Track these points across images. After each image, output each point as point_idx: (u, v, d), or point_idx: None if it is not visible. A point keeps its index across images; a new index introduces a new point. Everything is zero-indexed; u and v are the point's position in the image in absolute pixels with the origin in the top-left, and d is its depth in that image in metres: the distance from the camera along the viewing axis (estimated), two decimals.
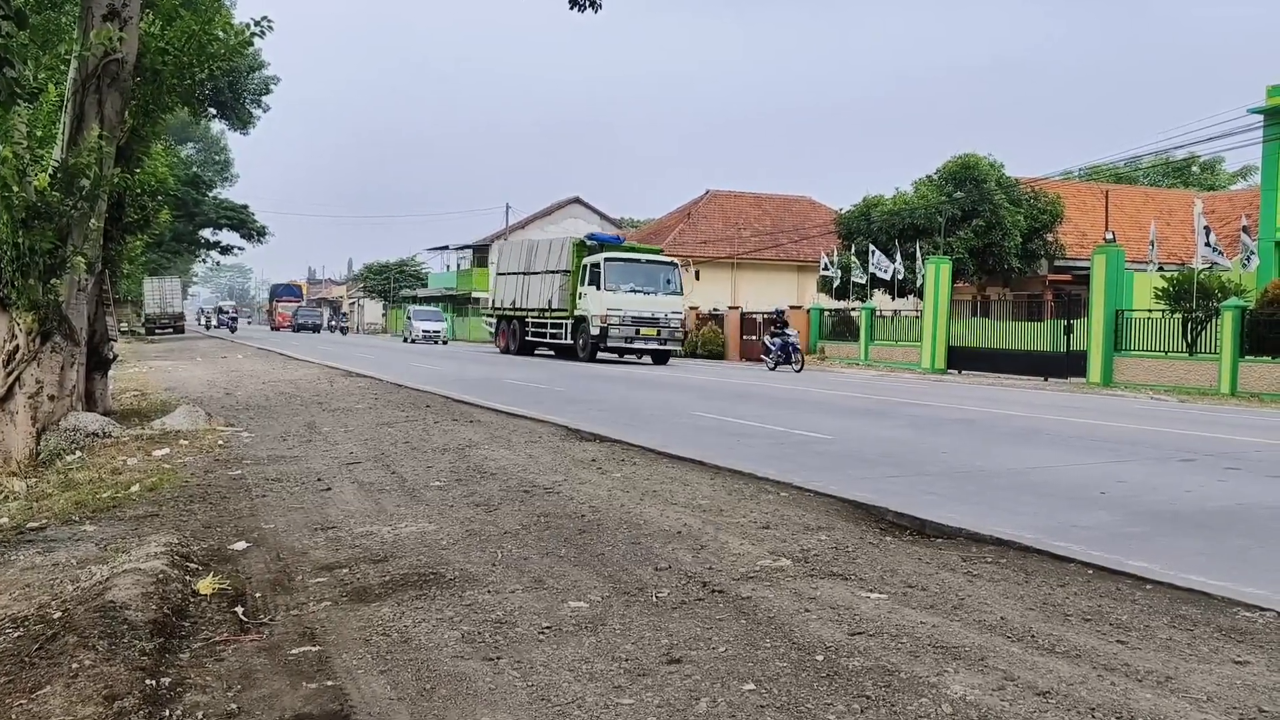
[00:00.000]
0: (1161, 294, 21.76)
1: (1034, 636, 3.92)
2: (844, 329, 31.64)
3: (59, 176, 8.53)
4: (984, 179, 31.23)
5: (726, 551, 5.23)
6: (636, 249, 30.43)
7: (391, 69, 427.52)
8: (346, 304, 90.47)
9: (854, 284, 32.42)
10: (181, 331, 53.61)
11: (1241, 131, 26.41)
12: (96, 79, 8.98)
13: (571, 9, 12.50)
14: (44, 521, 6.00)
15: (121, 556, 4.83)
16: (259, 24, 10.72)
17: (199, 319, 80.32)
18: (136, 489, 6.82)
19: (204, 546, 5.31)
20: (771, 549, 5.30)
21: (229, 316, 69.28)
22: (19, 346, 8.65)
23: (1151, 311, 21.94)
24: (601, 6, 12.56)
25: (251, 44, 10.98)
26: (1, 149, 8.17)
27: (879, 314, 30.91)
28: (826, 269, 34.06)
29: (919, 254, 30.27)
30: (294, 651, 3.72)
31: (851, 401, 15.68)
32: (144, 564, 4.55)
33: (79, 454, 8.38)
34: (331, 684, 3.40)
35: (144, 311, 51.55)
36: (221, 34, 10.49)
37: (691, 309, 35.65)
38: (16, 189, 8.17)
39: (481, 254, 63.72)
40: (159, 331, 50.51)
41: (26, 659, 3.44)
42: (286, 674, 3.51)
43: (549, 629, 3.94)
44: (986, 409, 14.60)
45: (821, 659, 3.62)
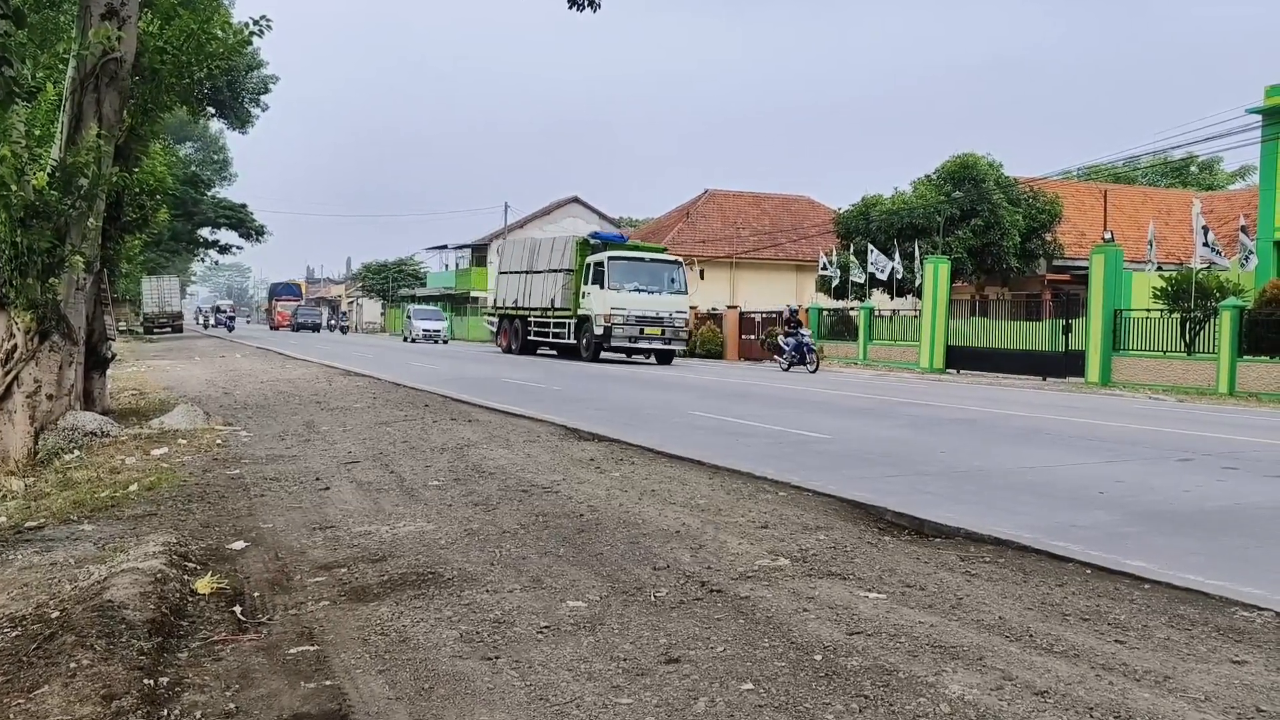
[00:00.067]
0: (1160, 294, 21.79)
1: (1032, 636, 3.92)
2: (843, 329, 31.62)
3: (57, 176, 8.52)
4: (983, 178, 31.24)
5: (725, 551, 5.24)
6: (641, 247, 30.22)
7: (390, 68, 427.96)
8: (345, 303, 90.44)
9: (852, 283, 32.42)
10: (180, 331, 53.60)
11: (1240, 131, 26.48)
12: (95, 78, 8.97)
13: (570, 8, 12.42)
14: (42, 521, 5.99)
15: (120, 556, 4.83)
16: (257, 23, 10.72)
17: (197, 318, 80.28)
18: (135, 488, 6.82)
19: (202, 546, 5.31)
20: (770, 548, 5.30)
21: (226, 316, 69.40)
22: (17, 346, 8.64)
23: (1150, 311, 21.97)
24: (600, 5, 12.48)
25: (250, 43, 10.98)
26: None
27: (878, 314, 30.88)
28: (825, 268, 34.04)
29: (917, 253, 30.25)
30: (292, 651, 3.72)
31: (850, 401, 15.68)
32: (142, 563, 4.54)
33: (77, 453, 8.38)
34: (330, 683, 3.40)
35: (142, 311, 51.59)
36: (220, 33, 10.49)
37: (691, 308, 35.62)
38: (15, 188, 8.16)
39: (480, 253, 63.72)
40: (157, 331, 50.50)
41: (24, 658, 3.43)
42: (285, 673, 3.50)
43: (547, 628, 3.94)
44: (985, 409, 14.60)
45: (820, 658, 3.62)
